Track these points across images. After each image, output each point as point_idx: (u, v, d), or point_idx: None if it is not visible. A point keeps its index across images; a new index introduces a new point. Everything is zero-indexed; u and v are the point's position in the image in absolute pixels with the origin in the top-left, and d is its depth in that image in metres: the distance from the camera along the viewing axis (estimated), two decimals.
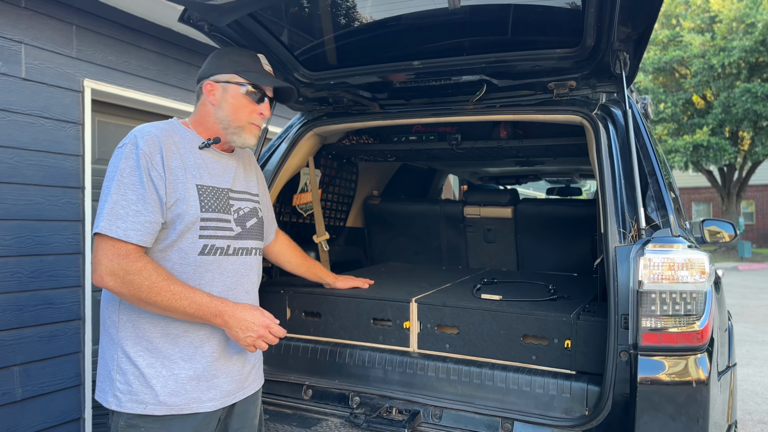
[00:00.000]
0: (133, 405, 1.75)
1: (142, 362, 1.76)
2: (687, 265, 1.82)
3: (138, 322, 1.78)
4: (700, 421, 1.79)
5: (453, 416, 2.19)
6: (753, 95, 19.97)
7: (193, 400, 1.79)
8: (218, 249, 1.87)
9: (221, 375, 1.87)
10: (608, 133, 2.21)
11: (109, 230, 1.68)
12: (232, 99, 1.92)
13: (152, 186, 1.73)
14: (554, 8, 2.14)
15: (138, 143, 1.76)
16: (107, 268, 1.68)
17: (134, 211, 1.70)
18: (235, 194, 1.98)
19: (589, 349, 2.16)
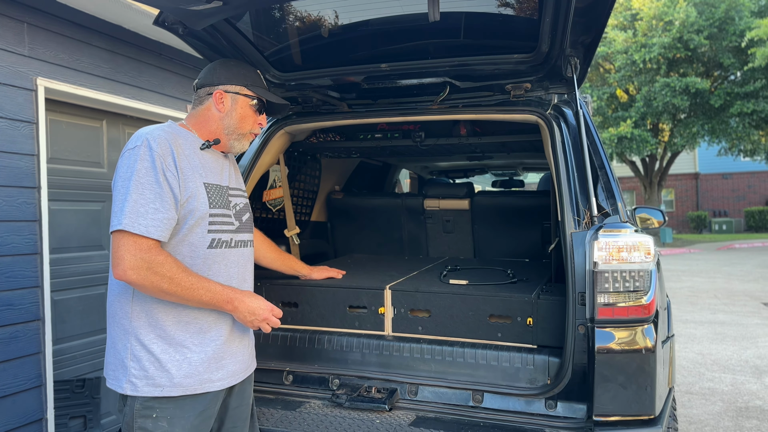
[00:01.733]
0: (150, 389, 1.87)
1: (156, 349, 1.88)
2: (635, 247, 2.08)
3: (151, 312, 1.90)
4: (649, 382, 2.05)
5: (428, 391, 2.39)
6: (672, 89, 21.15)
7: (204, 380, 1.94)
8: (224, 242, 2.02)
9: (227, 357, 2.01)
10: (561, 131, 2.45)
11: (132, 227, 1.78)
12: (240, 109, 2.09)
13: (167, 185, 1.85)
14: (513, 17, 2.35)
15: (151, 145, 1.87)
16: (130, 263, 1.78)
17: (153, 209, 1.81)
18: (232, 191, 2.14)
19: (549, 325, 2.40)
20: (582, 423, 2.17)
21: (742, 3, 20.69)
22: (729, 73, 22.71)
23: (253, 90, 2.09)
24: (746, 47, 19.57)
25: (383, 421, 2.26)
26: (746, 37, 18.42)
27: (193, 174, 1.95)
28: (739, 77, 22.25)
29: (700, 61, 22.34)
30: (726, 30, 20.83)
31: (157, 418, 1.89)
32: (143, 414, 1.88)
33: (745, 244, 23.05)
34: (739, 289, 11.76)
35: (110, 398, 4.50)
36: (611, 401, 2.05)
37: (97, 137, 4.45)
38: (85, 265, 4.31)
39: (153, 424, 1.88)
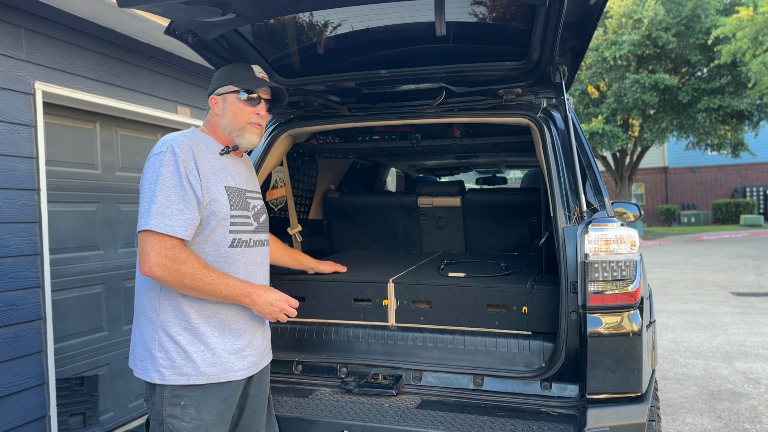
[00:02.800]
0: (177, 377, 2.01)
1: (182, 340, 2.03)
2: (621, 239, 2.27)
3: (178, 306, 2.04)
4: (636, 362, 2.24)
5: (431, 377, 2.57)
6: (641, 86, 21.65)
7: (227, 369, 2.08)
8: (243, 242, 2.16)
9: (248, 348, 2.16)
10: (551, 133, 2.63)
11: (158, 227, 1.91)
12: (231, 106, 2.20)
13: (190, 188, 1.98)
14: (506, 27, 2.52)
15: (175, 151, 2.01)
16: (155, 260, 1.92)
17: (177, 210, 1.95)
18: (250, 193, 2.28)
19: (542, 312, 2.59)
20: (575, 402, 2.36)
21: (707, 1, 21.27)
22: (696, 69, 23.33)
23: (238, 84, 2.19)
24: (712, 44, 20.12)
25: (391, 405, 2.43)
26: (712, 35, 18.95)
27: (214, 177, 2.09)
28: (706, 73, 22.87)
29: (668, 57, 22.90)
30: (693, 27, 21.40)
31: (185, 405, 2.02)
32: (172, 402, 2.02)
33: (713, 236, 23.70)
34: (708, 280, 12.17)
35: (108, 396, 4.59)
36: (602, 380, 2.24)
37: (90, 139, 4.53)
38: (81, 266, 4.39)
39: (181, 411, 2.02)
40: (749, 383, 5.44)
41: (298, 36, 2.75)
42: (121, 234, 4.75)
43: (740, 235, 24.02)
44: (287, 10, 2.35)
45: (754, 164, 31.57)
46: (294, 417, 2.40)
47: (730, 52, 17.55)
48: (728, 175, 33.26)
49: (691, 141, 25.84)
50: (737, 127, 24.34)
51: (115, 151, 4.74)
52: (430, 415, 2.33)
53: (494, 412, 2.36)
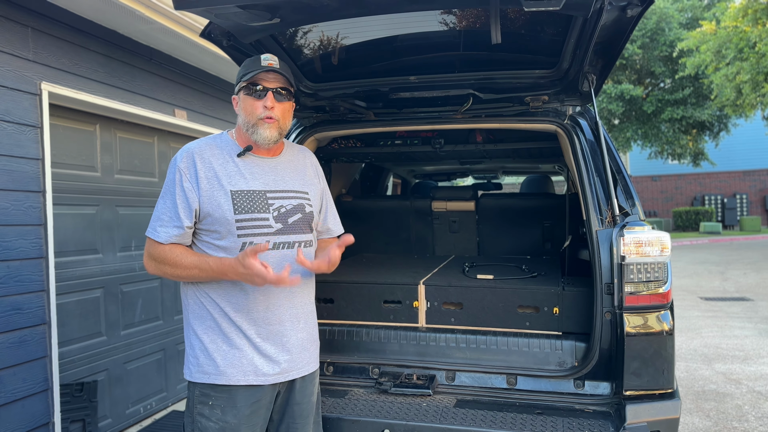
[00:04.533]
0: (200, 375, 2.08)
1: (206, 338, 2.09)
2: (653, 242, 2.37)
3: (202, 305, 2.11)
4: (668, 360, 2.34)
5: (465, 377, 2.62)
6: (607, 95, 22.22)
7: (250, 372, 2.07)
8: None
9: (276, 352, 2.12)
10: (579, 139, 2.72)
11: (149, 232, 2.10)
12: (243, 103, 2.16)
13: (183, 196, 2.07)
14: (538, 36, 2.60)
15: (177, 159, 2.13)
16: (145, 260, 2.13)
17: (167, 217, 2.08)
18: (276, 193, 2.18)
19: (572, 313, 2.68)
20: (608, 399, 2.45)
21: (671, 15, 21.99)
22: (660, 80, 24.04)
23: (244, 79, 2.14)
24: (677, 57, 20.78)
25: (429, 404, 2.47)
26: (677, 48, 19.57)
27: (220, 182, 2.08)
28: (669, 85, 23.59)
29: (633, 69, 23.55)
30: (657, 40, 22.08)
31: (212, 405, 2.06)
32: (201, 401, 2.07)
33: (675, 243, 24.37)
34: (676, 285, 12.53)
35: (107, 402, 4.52)
36: (638, 378, 2.33)
37: (91, 141, 4.47)
38: (81, 269, 4.32)
39: (209, 411, 2.06)
40: (731, 384, 5.64)
41: (328, 41, 2.78)
42: (120, 237, 4.69)
43: (701, 242, 24.78)
44: (331, 16, 2.38)
45: (713, 173, 32.61)
46: (335, 417, 2.42)
47: (694, 65, 18.13)
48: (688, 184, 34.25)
49: (654, 150, 26.57)
50: (698, 138, 25.15)
51: (114, 153, 4.68)
52: (470, 414, 2.38)
53: (530, 410, 2.42)
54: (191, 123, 5.35)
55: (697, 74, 20.02)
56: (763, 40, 15.42)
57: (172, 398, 5.27)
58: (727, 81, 16.90)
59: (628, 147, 25.29)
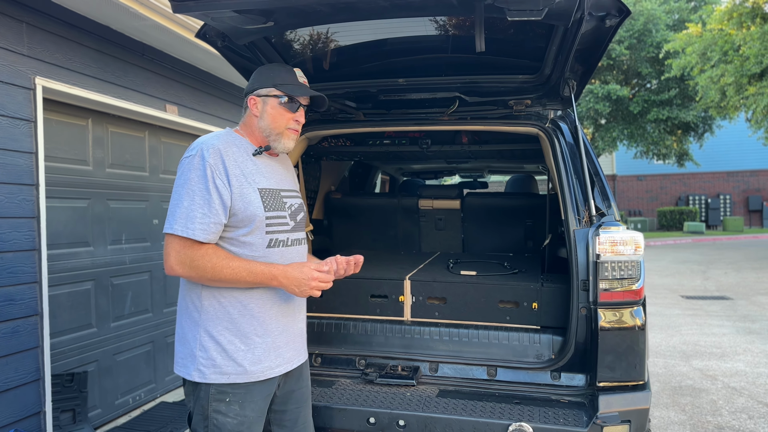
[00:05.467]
0: (217, 376, 2.09)
1: (223, 340, 2.10)
2: (627, 242, 2.49)
3: (221, 306, 2.11)
4: (640, 353, 2.46)
5: (447, 368, 2.74)
6: (595, 95, 22.45)
7: (267, 368, 2.16)
8: (280, 242, 2.21)
9: (284, 345, 2.23)
10: (559, 143, 2.84)
11: (181, 231, 2.01)
12: (271, 110, 2.22)
13: (217, 193, 2.04)
14: (522, 43, 2.71)
15: (204, 155, 2.07)
16: (175, 259, 2.02)
17: (201, 214, 2.02)
18: (286, 192, 2.31)
19: (550, 309, 2.80)
20: (582, 390, 2.57)
21: (658, 17, 22.23)
22: (646, 81, 24.30)
23: (281, 88, 2.20)
24: (663, 58, 21.03)
25: (413, 394, 2.59)
26: (663, 49, 19.81)
27: (247, 180, 2.12)
28: (656, 86, 23.86)
29: (620, 69, 23.79)
30: (644, 41, 22.32)
31: (230, 402, 2.10)
32: (218, 398, 2.10)
33: (659, 242, 24.68)
34: (659, 284, 12.74)
35: (96, 393, 4.59)
36: (611, 370, 2.45)
37: (83, 136, 4.53)
38: (73, 262, 4.38)
39: (226, 407, 2.10)
40: (707, 380, 5.81)
41: (320, 43, 2.87)
42: (110, 231, 4.76)
43: (684, 242, 25.11)
44: (323, 20, 2.48)
45: (697, 174, 33.00)
46: (323, 406, 2.52)
47: (680, 66, 18.37)
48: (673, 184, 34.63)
49: (639, 150, 26.86)
50: (683, 138, 25.46)
51: (106, 147, 4.74)
52: (451, 403, 2.49)
53: (509, 400, 2.54)
54: (182, 118, 5.41)
55: (682, 76, 20.29)
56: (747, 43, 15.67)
57: (160, 390, 5.35)
58: (712, 83, 17.16)
59: (614, 147, 25.55)
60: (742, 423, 4.60)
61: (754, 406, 4.97)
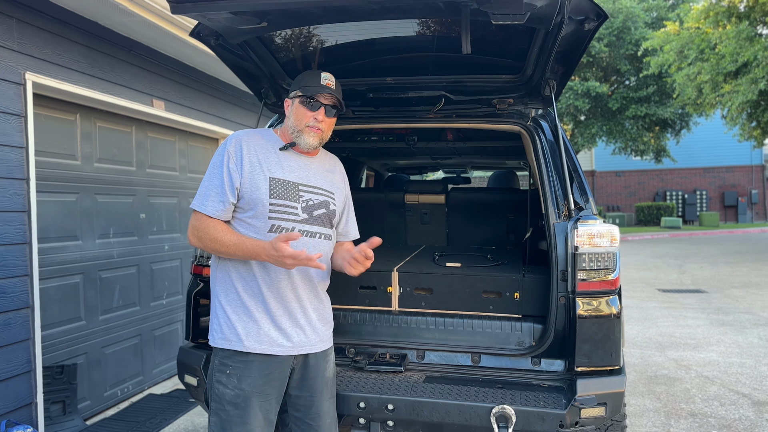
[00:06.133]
0: (222, 342, 2.32)
1: (229, 309, 2.32)
2: (604, 234, 2.62)
3: (228, 279, 2.34)
4: (615, 340, 2.60)
5: (433, 355, 2.86)
6: (574, 92, 22.73)
7: (266, 342, 2.30)
8: (283, 229, 2.34)
9: (290, 329, 2.35)
10: (540, 140, 2.96)
11: (196, 206, 2.32)
12: (295, 109, 2.45)
13: (228, 175, 2.30)
14: (505, 44, 2.82)
15: (227, 143, 2.37)
16: (190, 230, 2.34)
17: (213, 193, 2.31)
18: (307, 187, 2.44)
19: (531, 298, 2.93)
20: (561, 375, 2.70)
21: (637, 15, 22.56)
22: (625, 78, 24.65)
23: (303, 90, 2.42)
24: (642, 56, 21.37)
25: (401, 380, 2.70)
26: (642, 47, 20.13)
27: (262, 168, 2.34)
28: (634, 83, 24.22)
29: (599, 66, 24.10)
30: (623, 39, 22.64)
31: (229, 374, 2.28)
32: (220, 369, 2.30)
33: (637, 237, 25.09)
34: (636, 277, 13.01)
35: (86, 385, 4.65)
36: (588, 356, 2.58)
37: (71, 130, 4.57)
38: (62, 255, 4.43)
39: (226, 378, 2.28)
40: (681, 369, 6.01)
41: (310, 42, 2.97)
42: (98, 225, 4.80)
43: (661, 236, 25.56)
44: (315, 21, 2.57)
45: (674, 170, 33.54)
46: None
47: (658, 64, 18.68)
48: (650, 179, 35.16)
49: (618, 146, 27.26)
50: (660, 135, 25.88)
51: (94, 142, 4.79)
52: (437, 388, 2.61)
53: (492, 384, 2.67)
54: (168, 113, 5.46)
55: (660, 73, 20.63)
56: (723, 42, 16.00)
57: (148, 382, 5.41)
58: (689, 80, 17.48)
59: (594, 143, 25.90)
60: (714, 410, 4.79)
61: (726, 394, 5.16)
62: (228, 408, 2.25)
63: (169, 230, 5.75)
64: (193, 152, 6.18)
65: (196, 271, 3.07)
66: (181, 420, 4.65)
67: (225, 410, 2.26)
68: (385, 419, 2.58)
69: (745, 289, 10.99)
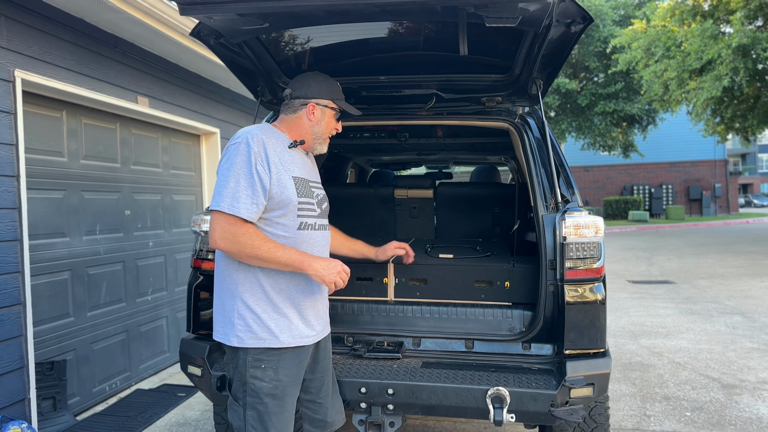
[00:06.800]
0: (253, 341, 2.33)
1: (258, 309, 2.35)
2: (589, 225, 2.78)
3: (255, 279, 2.35)
4: (601, 324, 2.76)
5: (429, 342, 2.99)
6: None
7: (297, 336, 2.40)
8: (309, 225, 2.47)
9: (313, 318, 2.47)
10: (528, 136, 3.11)
11: (227, 208, 2.24)
12: (327, 119, 2.57)
13: (258, 177, 2.29)
14: (495, 44, 2.95)
15: (249, 143, 2.32)
16: (219, 234, 2.26)
17: (245, 195, 2.26)
18: (313, 183, 2.58)
19: (521, 287, 3.07)
20: (550, 358, 2.86)
21: (605, 13, 23.02)
22: (594, 75, 25.12)
23: (338, 103, 2.57)
24: (610, 53, 21.81)
25: (399, 366, 2.82)
26: (610, 44, 20.54)
27: (284, 168, 2.38)
28: (602, 79, 24.70)
29: (569, 63, 24.52)
30: (592, 36, 23.07)
31: (265, 368, 2.34)
32: (254, 365, 2.34)
33: (606, 230, 25.53)
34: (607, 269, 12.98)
35: (75, 381, 4.67)
36: (576, 340, 2.74)
37: (58, 127, 4.58)
38: (51, 252, 4.45)
39: (262, 373, 2.34)
40: (654, 356, 6.25)
41: (306, 41, 3.06)
42: (85, 222, 4.82)
43: (629, 230, 26.17)
44: (315, 22, 2.67)
45: (641, 164, 34.33)
46: None
47: (626, 61, 19.10)
48: (618, 174, 35.92)
49: (587, 142, 27.78)
50: (628, 130, 26.45)
51: (80, 139, 4.80)
52: (434, 373, 2.74)
53: (486, 369, 2.81)
54: (153, 110, 5.49)
55: (628, 70, 21.09)
56: (688, 39, 16.45)
57: (135, 378, 5.45)
58: (656, 77, 17.92)
59: (563, 138, 26.35)
60: (686, 393, 5.02)
61: (697, 378, 5.41)
62: (267, 400, 2.33)
63: (153, 227, 5.78)
64: (175, 149, 6.20)
65: (196, 265, 3.14)
66: (172, 414, 4.70)
67: (263, 402, 2.33)
68: (385, 403, 2.70)
69: (711, 279, 11.38)
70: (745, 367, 5.72)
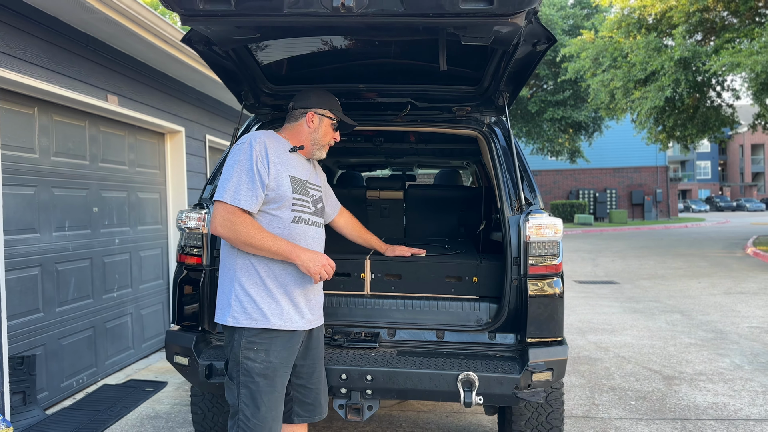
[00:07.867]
0: (248, 321, 2.55)
1: (253, 293, 2.57)
2: (550, 226, 3.06)
3: (252, 266, 2.58)
4: (559, 315, 3.05)
5: (403, 333, 3.22)
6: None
7: (287, 320, 2.60)
8: (303, 220, 2.70)
9: (304, 306, 2.68)
10: (494, 144, 3.38)
11: (230, 200, 2.51)
12: (324, 127, 2.85)
13: (258, 173, 2.55)
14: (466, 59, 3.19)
15: (252, 143, 2.59)
16: (220, 222, 2.51)
17: (246, 189, 2.53)
18: (310, 185, 2.83)
19: (487, 281, 3.34)
20: (513, 347, 3.13)
21: (555, 22, 23.80)
22: (543, 82, 25.91)
23: (334, 113, 2.85)
24: (560, 62, 22.57)
25: (376, 354, 3.04)
26: (560, 53, 21.27)
27: (282, 167, 2.64)
28: (552, 87, 25.51)
29: None
30: None
31: (257, 350, 2.55)
32: (247, 347, 2.55)
33: None
34: None
35: (44, 376, 4.71)
36: (537, 329, 3.02)
37: (30, 124, 4.61)
38: (22, 248, 4.48)
39: (254, 354, 2.55)
40: (600, 351, 6.65)
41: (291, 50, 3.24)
42: (55, 218, 4.86)
43: (575, 232, 27.06)
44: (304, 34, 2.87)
45: (587, 169, 35.51)
46: None
47: (575, 70, 19.84)
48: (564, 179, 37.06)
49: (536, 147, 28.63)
50: (575, 137, 27.40)
51: (51, 136, 4.84)
52: (409, 360, 2.98)
53: (455, 356, 3.05)
54: (122, 108, 5.55)
55: (576, 78, 21.90)
56: (633, 51, 17.23)
57: (101, 373, 5.49)
58: (602, 86, 18.70)
59: None
60: (631, 384, 5.40)
61: (640, 371, 5.82)
62: (258, 379, 2.53)
63: (120, 224, 5.83)
64: (141, 147, 6.26)
65: (181, 260, 3.29)
66: (142, 407, 4.79)
67: (255, 381, 2.53)
68: (364, 388, 2.92)
69: (653, 280, 12.01)
70: (683, 360, 6.17)
